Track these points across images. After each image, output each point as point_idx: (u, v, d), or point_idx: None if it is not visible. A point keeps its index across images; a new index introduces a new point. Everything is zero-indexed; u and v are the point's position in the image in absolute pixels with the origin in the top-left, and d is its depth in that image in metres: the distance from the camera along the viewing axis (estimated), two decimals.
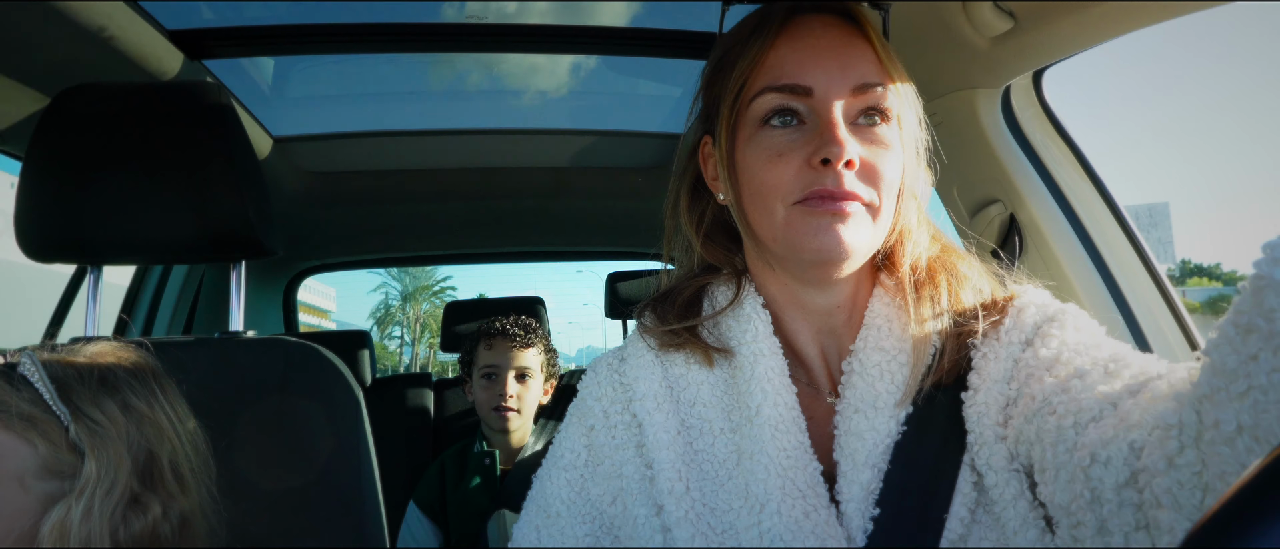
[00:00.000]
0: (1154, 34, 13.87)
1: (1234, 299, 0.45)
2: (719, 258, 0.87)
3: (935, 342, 0.75)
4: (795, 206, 0.73)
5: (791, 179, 0.73)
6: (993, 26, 1.15)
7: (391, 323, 44.65)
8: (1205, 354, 0.47)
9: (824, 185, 0.71)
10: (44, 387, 0.82)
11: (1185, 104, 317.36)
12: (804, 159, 0.72)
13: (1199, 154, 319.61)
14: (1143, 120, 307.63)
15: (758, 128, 0.76)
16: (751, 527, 0.72)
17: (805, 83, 0.73)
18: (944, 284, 0.77)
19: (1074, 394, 0.63)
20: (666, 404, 0.81)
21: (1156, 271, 1.31)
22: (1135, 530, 0.53)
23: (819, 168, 0.71)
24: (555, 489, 0.83)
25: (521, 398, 1.99)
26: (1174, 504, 0.49)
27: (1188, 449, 0.49)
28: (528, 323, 2.09)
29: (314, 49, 1.78)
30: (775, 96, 0.74)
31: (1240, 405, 0.44)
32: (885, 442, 0.73)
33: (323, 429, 1.13)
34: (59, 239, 1.13)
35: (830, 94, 0.73)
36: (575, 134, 2.28)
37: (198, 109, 1.15)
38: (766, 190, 0.74)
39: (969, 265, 0.80)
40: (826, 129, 0.72)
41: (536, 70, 2.06)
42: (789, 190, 0.73)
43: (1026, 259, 1.38)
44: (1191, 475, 0.48)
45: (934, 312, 0.76)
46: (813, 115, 0.73)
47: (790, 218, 0.73)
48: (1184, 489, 0.49)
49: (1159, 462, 0.50)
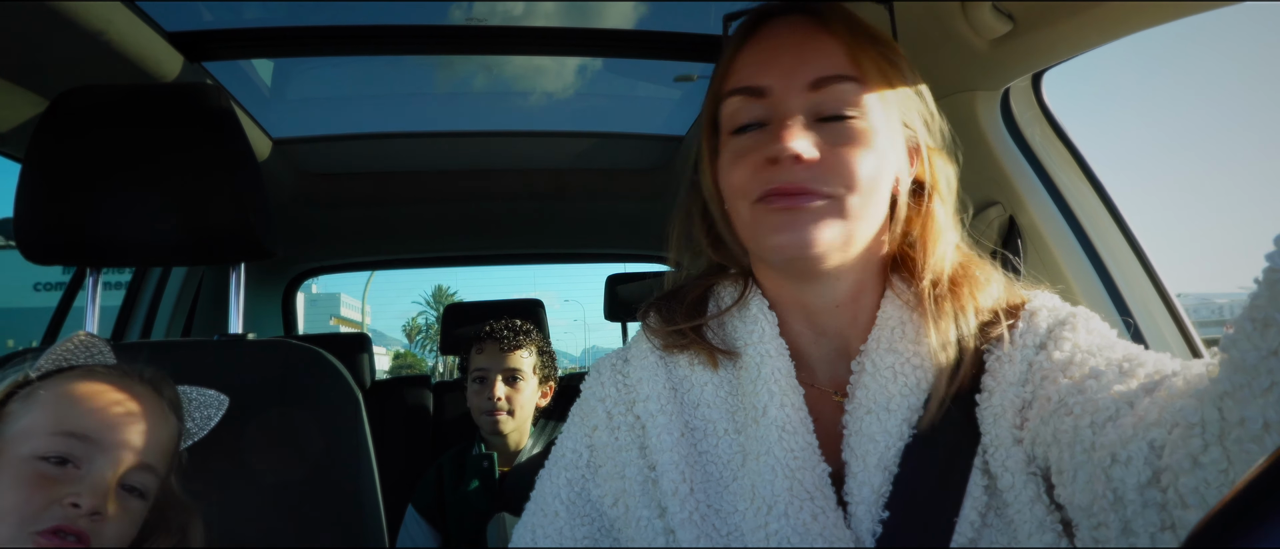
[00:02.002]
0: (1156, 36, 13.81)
1: (1250, 294, 0.44)
2: (727, 258, 0.86)
3: (957, 353, 0.74)
4: (756, 205, 0.73)
5: (749, 179, 0.74)
6: (992, 28, 1.15)
7: (418, 333, 56.68)
8: (1223, 350, 0.47)
9: (776, 183, 0.72)
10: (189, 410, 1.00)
11: (1188, 105, 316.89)
12: (758, 159, 0.73)
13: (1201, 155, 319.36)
14: (1144, 123, 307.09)
15: (728, 136, 0.77)
16: (758, 528, 0.71)
17: (761, 83, 0.74)
18: (967, 294, 0.76)
19: (1090, 394, 0.62)
20: (670, 405, 0.80)
21: (1156, 274, 1.31)
22: (1161, 531, 0.53)
23: (771, 167, 0.72)
24: (555, 489, 0.83)
25: (511, 400, 1.99)
26: (1201, 503, 0.49)
27: (1212, 447, 0.48)
28: (517, 325, 2.08)
29: (313, 51, 1.78)
30: (738, 100, 0.76)
31: (1265, 401, 0.44)
32: (896, 444, 0.72)
33: (322, 431, 1.13)
34: (58, 241, 1.13)
35: (785, 92, 0.73)
36: (575, 136, 2.28)
37: (197, 111, 1.15)
38: (732, 192, 0.76)
39: (985, 271, 0.79)
40: (776, 126, 0.72)
41: (537, 73, 2.06)
42: (748, 189, 0.74)
43: (1026, 262, 1.38)
44: (1218, 474, 0.48)
45: (957, 325, 0.74)
46: (771, 115, 0.74)
47: (753, 217, 0.74)
48: (1211, 488, 0.48)
49: (1183, 460, 0.50)
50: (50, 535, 0.80)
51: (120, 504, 0.85)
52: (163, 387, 0.96)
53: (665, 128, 2.29)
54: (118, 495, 0.85)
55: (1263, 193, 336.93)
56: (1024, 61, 1.23)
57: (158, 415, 0.92)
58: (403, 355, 49.55)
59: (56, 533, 0.80)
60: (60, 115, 1.12)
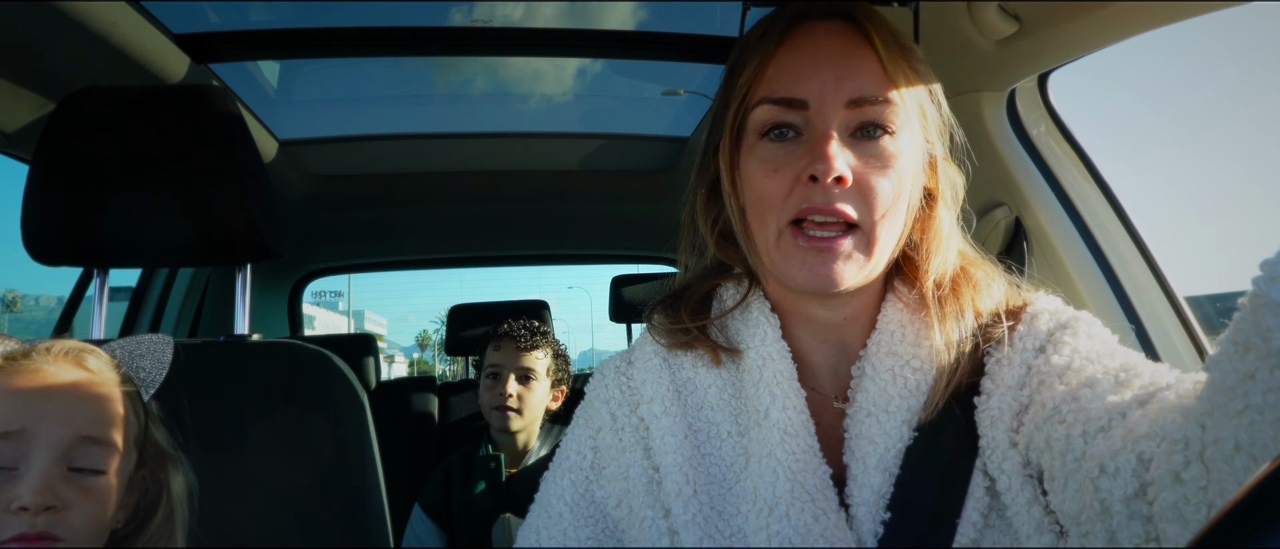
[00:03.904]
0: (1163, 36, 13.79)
1: (1234, 316, 0.44)
2: (733, 257, 0.85)
3: (955, 354, 0.74)
4: (789, 228, 0.72)
5: (784, 195, 0.72)
6: (998, 29, 1.14)
7: (428, 343, 65.96)
8: (1207, 370, 0.47)
9: (813, 202, 0.70)
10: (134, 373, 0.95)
11: (1196, 105, 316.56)
12: (795, 174, 0.72)
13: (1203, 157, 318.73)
14: (1152, 124, 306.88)
15: (757, 140, 0.75)
16: (760, 530, 0.71)
17: (800, 95, 0.72)
18: (967, 297, 0.76)
19: (1084, 403, 0.62)
20: (674, 407, 0.81)
21: (1164, 277, 1.30)
22: (1146, 542, 0.53)
23: (809, 184, 0.71)
24: (559, 490, 0.83)
25: (523, 399, 2.01)
26: (1180, 519, 0.49)
27: (1193, 464, 0.48)
28: (535, 326, 2.11)
29: (320, 53, 1.78)
30: (771, 109, 0.74)
31: (1238, 423, 0.44)
32: (897, 446, 0.72)
33: (328, 432, 1.13)
34: (66, 243, 1.14)
35: (825, 107, 0.72)
36: (581, 138, 2.28)
37: (204, 113, 1.15)
38: (763, 204, 0.74)
39: (987, 272, 0.79)
40: (818, 144, 0.71)
41: (542, 74, 2.07)
42: (782, 207, 0.72)
43: (1032, 264, 1.38)
44: (1197, 491, 0.48)
45: (958, 327, 0.74)
46: (809, 127, 0.73)
47: (782, 242, 0.73)
48: (1190, 505, 0.48)
49: (1165, 476, 0.50)
50: (15, 545, 0.77)
51: (75, 487, 0.81)
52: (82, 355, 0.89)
53: (670, 129, 2.29)
54: (68, 480, 0.81)
55: (1272, 191, 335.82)
56: (1030, 62, 1.22)
57: (85, 385, 0.86)
58: (416, 363, 56.39)
59: (21, 541, 0.77)
60: (67, 117, 1.13)
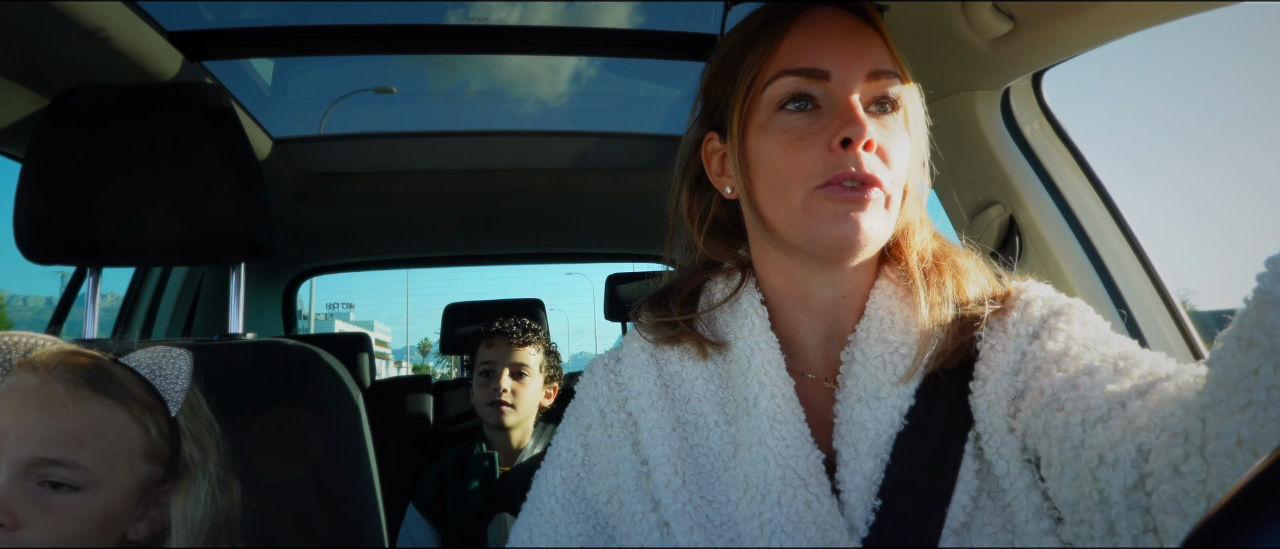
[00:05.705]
0: (1158, 35, 13.82)
1: (1238, 311, 0.45)
2: (721, 253, 0.86)
3: (940, 327, 0.75)
4: (816, 191, 0.72)
5: (814, 163, 0.72)
6: (992, 28, 1.15)
7: (429, 349, 70.81)
8: (1209, 365, 0.47)
9: (846, 168, 0.71)
10: (153, 377, 0.91)
11: (1190, 104, 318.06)
12: (825, 142, 0.72)
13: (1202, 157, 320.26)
14: (1145, 123, 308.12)
15: (773, 114, 0.75)
16: (752, 517, 0.71)
17: (823, 66, 0.73)
18: (949, 275, 0.78)
19: (1083, 391, 0.62)
20: (661, 401, 0.81)
21: (1156, 274, 1.31)
22: (1144, 533, 0.53)
23: (840, 151, 0.71)
24: (550, 488, 0.84)
25: (516, 394, 2.01)
26: (1179, 512, 0.49)
27: (1193, 458, 0.48)
28: (526, 323, 2.12)
29: (314, 51, 1.78)
30: (793, 80, 0.74)
31: (1240, 419, 0.44)
32: (888, 431, 0.72)
33: (322, 431, 1.13)
34: (58, 241, 1.13)
35: (848, 78, 0.73)
36: (575, 136, 2.28)
37: (197, 110, 1.15)
38: (786, 175, 0.74)
39: (968, 260, 0.81)
40: (846, 110, 0.72)
41: (536, 72, 2.07)
42: (811, 174, 0.72)
43: (1026, 261, 1.38)
44: (1196, 484, 0.48)
45: (941, 297, 0.76)
46: (829, 99, 0.74)
47: (810, 203, 0.73)
48: (1189, 497, 0.48)
49: (1165, 469, 0.50)
50: None
51: (37, 505, 0.79)
52: (75, 369, 0.85)
53: (665, 127, 2.29)
54: (31, 497, 0.79)
55: (1267, 195, 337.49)
56: (1024, 61, 1.22)
57: (59, 401, 0.82)
58: (419, 368, 59.68)
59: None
60: (60, 114, 1.12)
